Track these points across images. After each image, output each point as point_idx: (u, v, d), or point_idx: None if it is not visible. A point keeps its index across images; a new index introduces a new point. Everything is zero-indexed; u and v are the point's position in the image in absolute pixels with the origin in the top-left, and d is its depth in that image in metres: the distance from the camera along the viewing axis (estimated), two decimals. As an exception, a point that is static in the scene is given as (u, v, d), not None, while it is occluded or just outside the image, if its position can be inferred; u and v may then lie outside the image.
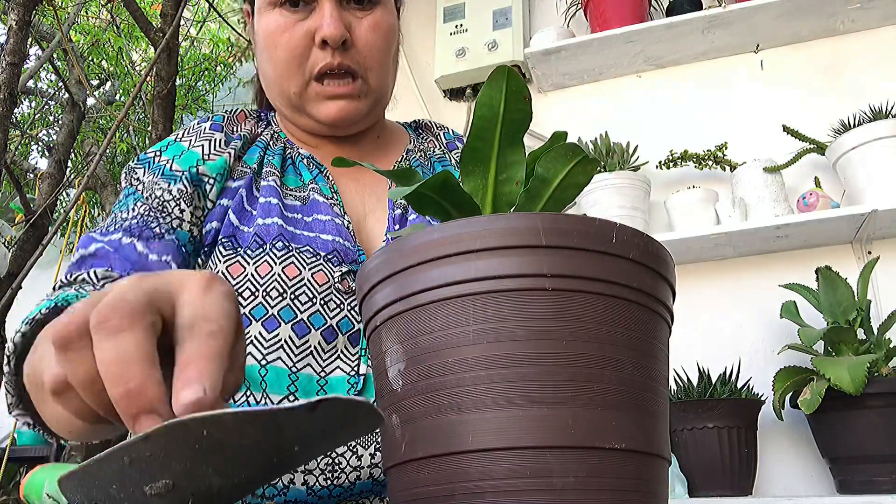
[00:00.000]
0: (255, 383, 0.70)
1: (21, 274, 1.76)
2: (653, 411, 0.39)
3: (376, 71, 0.79)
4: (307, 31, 0.75)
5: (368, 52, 0.77)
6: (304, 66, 0.76)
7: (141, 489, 0.29)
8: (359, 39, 0.77)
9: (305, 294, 0.71)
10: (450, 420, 0.37)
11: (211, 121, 0.82)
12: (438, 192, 0.43)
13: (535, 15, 2.41)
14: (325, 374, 0.71)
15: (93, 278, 0.66)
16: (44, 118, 3.20)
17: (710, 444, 1.52)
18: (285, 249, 0.72)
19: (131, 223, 0.72)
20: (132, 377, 0.31)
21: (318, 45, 0.75)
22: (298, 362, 0.70)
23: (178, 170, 0.76)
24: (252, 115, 0.87)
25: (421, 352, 0.39)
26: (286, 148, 0.83)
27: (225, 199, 0.77)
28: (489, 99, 0.44)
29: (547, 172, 0.44)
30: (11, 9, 1.65)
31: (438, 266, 0.39)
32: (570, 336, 0.37)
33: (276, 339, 0.70)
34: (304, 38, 0.75)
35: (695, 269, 1.92)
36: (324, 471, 0.68)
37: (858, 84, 1.95)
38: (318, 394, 0.70)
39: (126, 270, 0.68)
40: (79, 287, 0.66)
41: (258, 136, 0.84)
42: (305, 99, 0.78)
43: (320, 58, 0.75)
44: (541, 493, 0.36)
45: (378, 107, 0.83)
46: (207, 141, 0.79)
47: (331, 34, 0.73)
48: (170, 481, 0.29)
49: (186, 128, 0.82)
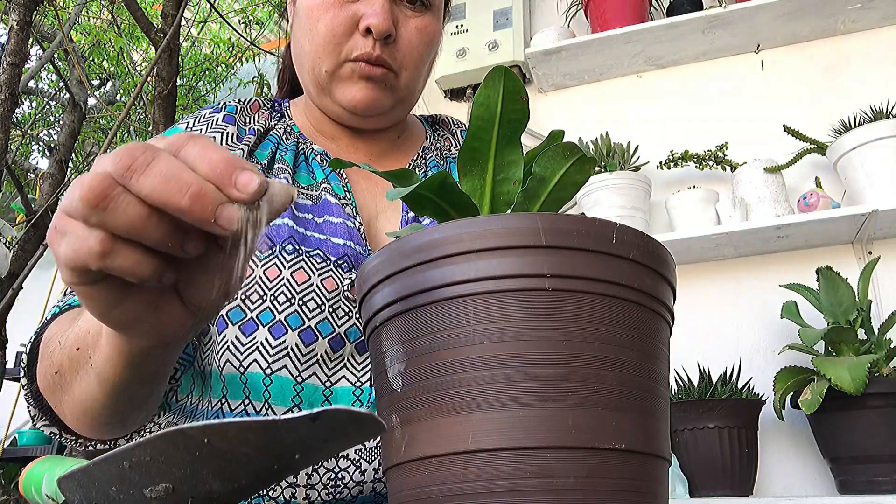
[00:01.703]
0: (257, 393, 0.68)
1: (22, 274, 1.76)
2: (653, 411, 0.39)
3: (410, 72, 0.77)
4: (353, 14, 0.74)
5: (408, 53, 0.76)
6: (342, 48, 0.74)
7: (141, 492, 0.29)
8: (402, 38, 0.75)
9: (314, 300, 0.69)
10: (450, 420, 0.37)
11: (224, 111, 0.80)
12: (437, 193, 0.43)
13: (535, 15, 2.41)
14: (331, 383, 0.69)
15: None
16: (45, 118, 3.20)
17: (710, 445, 1.52)
18: (295, 253, 0.70)
19: None
20: (187, 181, 0.33)
21: (362, 31, 0.73)
22: (304, 371, 0.68)
23: None
24: (266, 106, 0.85)
25: (421, 352, 0.39)
26: (299, 143, 0.81)
27: None
28: (486, 99, 0.44)
29: (544, 172, 0.44)
30: (12, 9, 1.65)
31: (438, 266, 0.39)
32: (570, 336, 0.37)
33: (283, 346, 0.68)
34: (348, 20, 0.74)
35: (695, 269, 1.92)
36: (326, 485, 0.67)
37: (859, 84, 1.95)
38: (323, 405, 0.68)
39: None
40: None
41: (271, 130, 0.82)
42: (336, 78, 0.76)
43: (360, 45, 0.74)
44: (541, 493, 0.35)
45: (402, 107, 0.82)
46: (219, 134, 0.77)
47: (378, 24, 0.72)
48: (170, 485, 0.29)
49: (197, 116, 0.80)
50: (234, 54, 3.00)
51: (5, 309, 1.75)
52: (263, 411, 0.68)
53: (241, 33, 2.52)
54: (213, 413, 0.71)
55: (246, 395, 0.69)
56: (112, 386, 0.49)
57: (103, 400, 0.51)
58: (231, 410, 0.69)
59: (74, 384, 0.53)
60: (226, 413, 0.70)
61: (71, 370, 0.53)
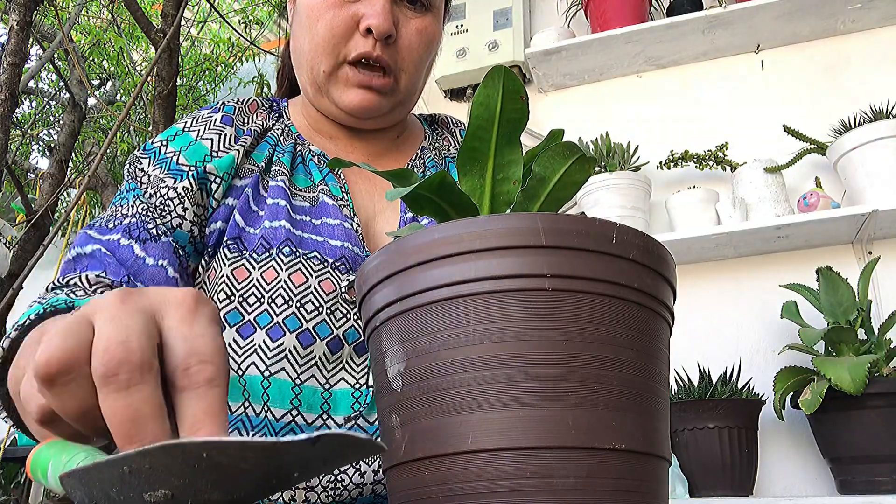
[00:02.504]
0: (255, 395, 0.68)
1: (22, 274, 1.76)
2: (653, 411, 0.39)
3: (410, 74, 0.78)
4: (354, 14, 0.74)
5: (408, 54, 0.76)
6: (341, 48, 0.74)
7: (140, 496, 0.30)
8: (402, 38, 0.75)
9: (312, 303, 0.69)
10: (450, 420, 0.37)
11: (222, 111, 0.79)
12: (436, 193, 0.43)
13: (535, 15, 2.41)
14: (330, 385, 0.69)
15: (84, 283, 0.65)
16: (45, 118, 3.20)
17: (710, 445, 1.52)
18: (293, 255, 0.70)
19: (131, 222, 0.71)
20: (146, 435, 0.31)
21: (362, 31, 0.73)
22: (302, 373, 0.68)
23: (184, 164, 0.74)
24: (264, 106, 0.84)
25: (421, 352, 0.39)
26: (297, 145, 0.81)
27: (230, 199, 0.75)
28: (486, 99, 0.44)
29: (544, 171, 0.44)
30: (12, 9, 1.65)
31: (438, 266, 0.39)
32: (570, 336, 0.37)
33: (281, 348, 0.68)
34: (348, 20, 0.74)
35: (695, 270, 1.92)
36: (325, 488, 0.67)
37: (859, 84, 1.95)
38: (322, 407, 0.68)
39: (120, 276, 0.67)
40: (70, 291, 0.64)
41: (269, 131, 0.82)
42: (333, 80, 0.76)
43: (360, 45, 0.73)
44: (541, 493, 0.35)
45: (401, 108, 0.82)
46: (217, 135, 0.77)
47: (378, 25, 0.72)
48: (169, 492, 0.29)
49: (195, 116, 0.80)
50: (233, 54, 3.00)
51: (5, 309, 1.75)
52: (263, 413, 0.68)
53: (240, 33, 2.52)
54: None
55: (245, 397, 0.68)
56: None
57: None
58: (231, 412, 0.69)
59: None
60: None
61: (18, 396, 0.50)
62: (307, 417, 0.68)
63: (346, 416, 0.69)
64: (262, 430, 0.67)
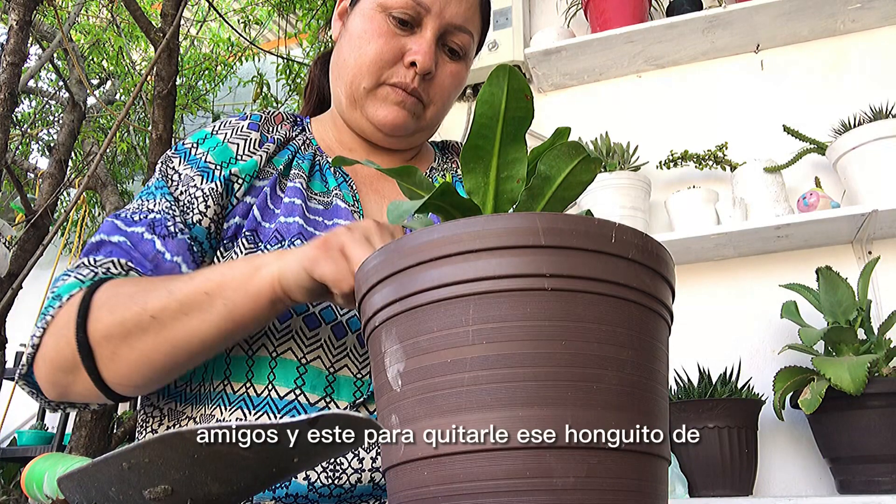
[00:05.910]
0: (261, 375, 0.72)
1: (21, 274, 1.76)
2: (653, 411, 0.39)
3: (437, 108, 0.88)
4: (402, 46, 0.83)
5: (440, 91, 0.86)
6: (384, 72, 0.83)
7: (140, 493, 0.30)
8: (438, 77, 0.86)
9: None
10: (450, 420, 0.37)
11: (249, 119, 0.86)
12: (439, 199, 0.44)
13: (535, 15, 2.41)
14: (335, 370, 0.73)
15: (119, 266, 0.72)
16: (44, 118, 3.20)
17: (710, 444, 1.52)
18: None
19: (155, 218, 0.76)
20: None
21: (406, 63, 0.82)
22: (308, 353, 0.72)
23: (211, 163, 0.81)
24: (288, 119, 0.92)
25: (420, 352, 0.39)
26: (315, 155, 0.89)
27: (249, 197, 0.81)
28: (490, 97, 0.44)
29: (549, 170, 0.44)
30: (12, 8, 1.65)
31: (438, 266, 0.39)
32: (569, 336, 0.37)
33: (288, 328, 0.72)
34: (396, 51, 0.82)
35: (695, 269, 1.92)
36: (325, 469, 0.69)
37: (859, 84, 1.95)
38: (326, 390, 0.72)
39: (146, 269, 0.73)
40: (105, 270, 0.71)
41: (291, 140, 0.89)
42: (371, 97, 0.84)
43: (402, 74, 0.83)
44: (541, 493, 0.35)
45: (422, 135, 0.91)
46: (243, 140, 0.83)
47: (423, 62, 0.82)
48: (168, 487, 0.29)
49: (223, 122, 0.86)
50: (233, 54, 3.00)
51: (5, 309, 1.75)
52: (265, 393, 0.71)
53: (240, 33, 2.52)
54: (216, 396, 0.73)
55: (248, 377, 0.72)
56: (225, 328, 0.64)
57: (202, 337, 0.64)
58: (234, 392, 0.72)
59: (176, 325, 0.64)
60: (229, 395, 0.73)
61: (179, 313, 0.64)
62: (310, 398, 0.71)
63: (348, 402, 0.73)
64: (265, 409, 0.71)
